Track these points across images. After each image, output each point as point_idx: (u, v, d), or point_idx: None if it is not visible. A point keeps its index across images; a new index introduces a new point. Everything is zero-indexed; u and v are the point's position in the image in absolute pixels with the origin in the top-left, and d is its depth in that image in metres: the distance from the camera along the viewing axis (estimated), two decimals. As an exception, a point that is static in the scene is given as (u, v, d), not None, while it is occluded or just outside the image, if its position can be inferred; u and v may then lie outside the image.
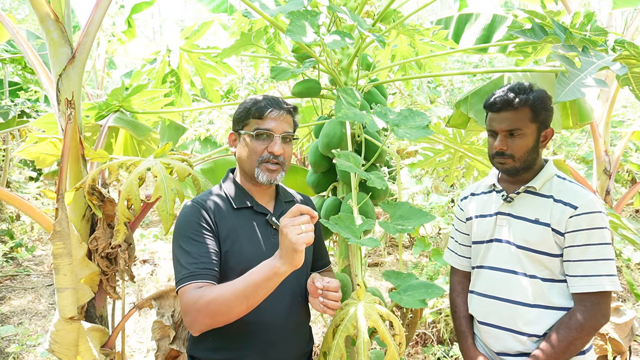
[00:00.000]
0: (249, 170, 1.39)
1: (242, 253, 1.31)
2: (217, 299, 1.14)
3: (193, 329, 1.18)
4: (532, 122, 1.45)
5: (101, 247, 1.66)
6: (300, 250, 1.08)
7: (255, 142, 1.36)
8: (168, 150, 1.73)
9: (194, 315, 1.16)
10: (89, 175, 1.57)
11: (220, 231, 1.32)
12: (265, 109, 1.36)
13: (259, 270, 1.14)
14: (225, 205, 1.38)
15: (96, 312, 1.71)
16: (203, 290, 1.17)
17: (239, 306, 1.14)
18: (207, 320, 1.16)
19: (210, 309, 1.14)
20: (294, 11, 1.57)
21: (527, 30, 1.38)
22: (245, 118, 1.39)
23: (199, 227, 1.29)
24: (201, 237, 1.28)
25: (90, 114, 2.27)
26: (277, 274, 1.11)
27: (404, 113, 1.72)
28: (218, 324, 1.17)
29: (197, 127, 4.50)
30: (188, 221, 1.30)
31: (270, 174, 1.37)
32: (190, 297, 1.17)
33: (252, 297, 1.13)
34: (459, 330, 1.66)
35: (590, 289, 1.36)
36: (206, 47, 2.79)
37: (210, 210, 1.34)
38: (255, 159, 1.37)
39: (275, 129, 1.36)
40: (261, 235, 1.37)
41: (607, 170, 2.91)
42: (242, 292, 1.13)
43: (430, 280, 4.53)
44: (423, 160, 3.25)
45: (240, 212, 1.39)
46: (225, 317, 1.15)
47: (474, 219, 1.65)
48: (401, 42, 2.72)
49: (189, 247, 1.25)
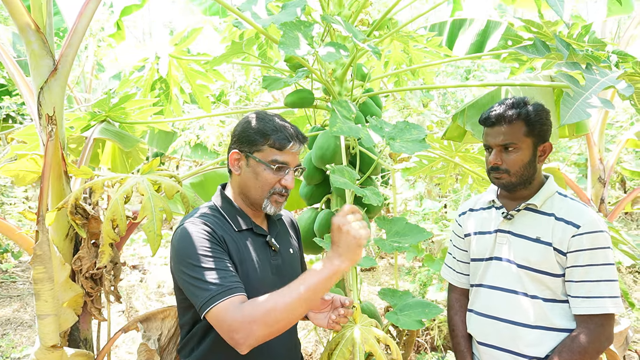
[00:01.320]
0: (256, 199, 1.32)
1: (248, 277, 1.25)
2: (278, 306, 1.08)
3: (246, 344, 1.08)
4: (526, 136, 1.41)
5: (85, 267, 1.59)
6: (362, 245, 1.09)
7: (270, 174, 1.29)
8: (155, 166, 1.66)
9: (249, 328, 1.07)
10: (71, 195, 1.50)
11: (229, 251, 1.24)
12: (287, 143, 1.28)
13: (318, 272, 1.10)
14: (226, 227, 1.29)
15: (80, 335, 1.64)
16: (253, 302, 1.10)
17: (298, 312, 1.09)
18: (265, 331, 1.08)
19: (271, 317, 1.07)
20: (286, 22, 1.52)
21: (529, 47, 1.35)
22: (260, 143, 1.29)
23: (215, 245, 1.20)
24: (219, 254, 1.19)
25: (75, 125, 2.19)
26: (337, 272, 1.09)
27: (400, 126, 1.67)
28: (274, 334, 1.10)
29: (187, 134, 4.42)
30: (198, 237, 1.20)
31: (277, 206, 1.33)
32: (240, 311, 1.08)
33: (313, 300, 1.10)
34: (458, 350, 1.62)
35: (594, 311, 1.32)
36: (196, 54, 2.72)
37: (216, 230, 1.24)
38: (267, 190, 1.30)
39: (291, 162, 1.31)
40: (262, 257, 1.32)
41: (601, 179, 2.89)
42: (304, 295, 1.08)
43: (424, 286, 4.50)
44: (417, 167, 3.21)
45: (242, 234, 1.31)
46: (287, 323, 1.10)
47: (473, 236, 1.61)
48: (394, 48, 2.68)
49: (208, 264, 1.16)
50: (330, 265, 1.09)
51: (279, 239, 1.41)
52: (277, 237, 1.39)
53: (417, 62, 2.63)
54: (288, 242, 1.45)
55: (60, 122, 1.63)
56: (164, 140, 5.72)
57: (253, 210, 1.36)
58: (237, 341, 1.08)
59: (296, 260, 1.45)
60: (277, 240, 1.38)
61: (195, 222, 1.24)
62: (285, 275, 1.34)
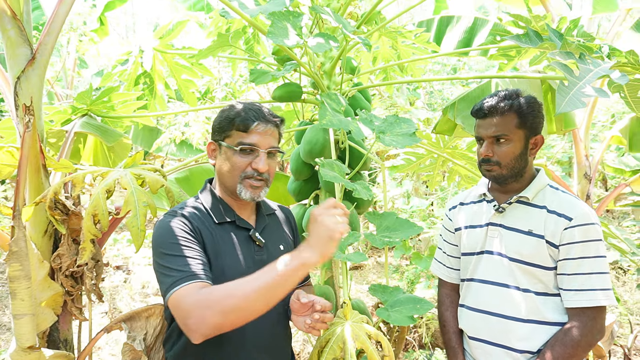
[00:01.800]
0: (230, 185, 1.29)
1: (223, 271, 1.21)
2: (234, 294, 1.01)
3: (198, 332, 1.02)
4: (518, 128, 1.40)
5: (65, 265, 1.52)
6: (336, 239, 1.03)
7: (238, 157, 1.26)
8: (139, 160, 1.61)
9: (201, 314, 1.01)
10: (50, 189, 1.43)
11: (205, 243, 1.22)
12: (251, 122, 1.25)
13: (284, 262, 1.03)
14: (205, 219, 1.27)
15: (60, 336, 1.57)
16: (212, 288, 1.05)
17: (259, 303, 1.02)
18: (218, 320, 1.01)
19: (225, 305, 1.01)
20: (275, 12, 1.48)
21: (521, 36, 1.33)
22: (227, 129, 1.28)
23: (188, 235, 1.18)
24: (190, 243, 1.16)
25: (55, 118, 2.11)
26: (305, 265, 1.02)
27: (390, 119, 1.65)
28: (228, 326, 1.04)
29: (172, 131, 4.34)
30: (172, 228, 1.18)
31: (253, 191, 1.27)
32: (195, 296, 1.04)
33: (274, 292, 1.02)
34: (449, 346, 1.60)
35: (586, 304, 1.32)
36: (181, 48, 2.66)
37: (193, 223, 1.23)
38: (237, 174, 1.26)
39: (260, 143, 1.26)
40: (244, 252, 1.27)
41: (587, 175, 2.91)
42: (265, 286, 1.01)
43: (412, 284, 4.50)
44: (405, 164, 3.20)
45: (222, 227, 1.28)
46: (241, 314, 1.02)
47: (463, 230, 1.59)
48: (383, 44, 2.66)
49: (178, 252, 1.13)
50: (298, 257, 1.03)
51: (267, 233, 1.36)
52: (264, 232, 1.35)
53: (406, 58, 2.61)
54: (279, 238, 1.41)
55: (39, 113, 1.57)
56: (149, 138, 5.61)
57: (238, 202, 1.33)
58: (189, 327, 1.03)
59: None
60: (264, 235, 1.34)
61: (172, 214, 1.23)
62: None
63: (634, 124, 2.83)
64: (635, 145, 2.81)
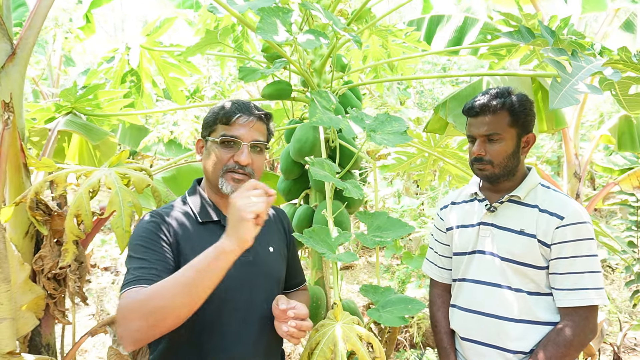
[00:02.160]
0: (213, 179, 1.26)
1: None
2: (156, 293, 0.95)
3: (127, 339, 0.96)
4: (511, 127, 1.39)
5: (47, 267, 1.48)
6: (247, 219, 0.96)
7: (220, 150, 1.23)
8: (124, 159, 1.56)
9: (126, 319, 0.95)
10: (31, 188, 1.39)
11: (182, 248, 1.18)
12: (233, 115, 1.23)
13: (203, 253, 0.99)
14: (188, 219, 1.24)
15: (42, 340, 1.52)
16: (141, 290, 0.99)
17: (180, 300, 0.95)
18: (140, 324, 0.94)
19: (147, 307, 0.95)
20: (264, 7, 1.45)
21: (514, 33, 1.32)
22: (212, 124, 1.26)
23: (155, 236, 1.15)
24: (157, 246, 1.14)
25: (38, 116, 2.06)
26: (223, 251, 0.97)
27: (381, 118, 1.63)
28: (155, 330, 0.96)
29: (160, 129, 4.27)
30: (144, 229, 1.17)
31: (235, 184, 1.23)
32: (126, 299, 0.99)
33: (197, 287, 0.96)
34: (441, 347, 1.58)
35: (578, 303, 1.31)
36: (169, 45, 2.62)
37: (171, 225, 1.20)
38: (219, 167, 1.23)
39: (243, 136, 1.23)
40: None
41: (577, 174, 2.92)
42: (186, 282, 0.95)
43: (403, 284, 4.50)
44: (396, 164, 3.18)
45: (206, 227, 1.25)
46: (166, 315, 0.95)
47: (455, 229, 1.57)
48: (373, 43, 2.64)
49: (140, 255, 1.11)
50: (216, 246, 0.98)
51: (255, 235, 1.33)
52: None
53: (396, 57, 2.60)
54: (268, 239, 1.37)
55: (19, 110, 1.52)
56: (137, 137, 5.52)
57: (225, 201, 1.29)
58: (120, 335, 0.97)
59: (276, 259, 1.36)
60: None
61: (151, 214, 1.21)
62: (258, 273, 1.27)
63: (623, 123, 2.85)
64: (623, 144, 2.83)
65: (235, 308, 1.21)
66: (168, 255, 1.14)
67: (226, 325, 1.20)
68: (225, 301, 1.20)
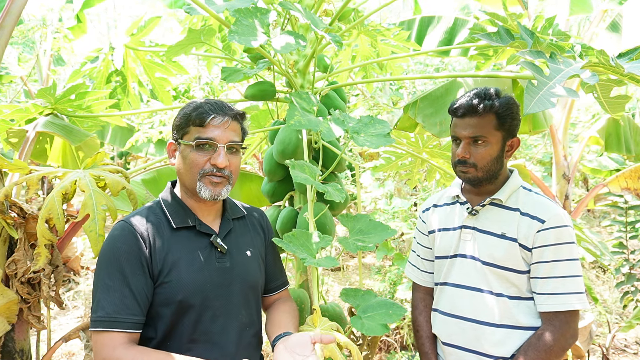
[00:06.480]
0: (189, 184, 1.22)
1: (179, 282, 1.15)
2: None
3: None
4: (497, 130, 1.37)
5: (21, 271, 1.44)
6: None
7: (195, 154, 1.19)
8: (100, 161, 1.53)
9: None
10: (1, 191, 1.35)
11: (156, 259, 1.15)
12: (207, 116, 1.19)
13: None
14: (162, 225, 1.21)
15: (16, 346, 1.49)
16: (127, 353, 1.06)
17: None
18: None
19: None
20: (240, 9, 1.42)
21: (492, 34, 1.30)
22: (185, 125, 1.22)
23: (127, 255, 1.12)
24: (130, 269, 1.11)
25: (16, 117, 2.02)
26: None
27: (364, 120, 1.61)
28: None
29: (146, 130, 4.23)
30: (116, 248, 1.13)
31: (214, 188, 1.20)
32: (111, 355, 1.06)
33: None
34: (422, 352, 1.56)
35: (559, 308, 1.29)
36: (154, 45, 2.58)
37: (144, 235, 1.16)
38: (196, 172, 1.20)
39: (218, 138, 1.20)
40: (204, 259, 1.21)
41: (565, 175, 2.91)
42: None
43: (394, 285, 4.47)
44: (385, 164, 3.16)
45: (180, 233, 1.21)
46: None
47: (437, 233, 1.55)
48: (362, 43, 2.61)
49: (112, 282, 1.09)
50: None
51: (232, 239, 1.30)
52: (228, 237, 1.29)
53: (385, 56, 2.57)
54: (246, 243, 1.33)
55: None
56: (127, 138, 5.48)
57: (200, 205, 1.26)
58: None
59: (254, 263, 1.33)
60: (228, 240, 1.28)
61: (122, 227, 1.18)
62: (234, 278, 1.24)
63: (610, 124, 2.85)
64: (610, 145, 2.82)
65: (215, 315, 1.20)
66: (141, 279, 1.12)
67: (208, 334, 1.19)
68: (205, 309, 1.18)
